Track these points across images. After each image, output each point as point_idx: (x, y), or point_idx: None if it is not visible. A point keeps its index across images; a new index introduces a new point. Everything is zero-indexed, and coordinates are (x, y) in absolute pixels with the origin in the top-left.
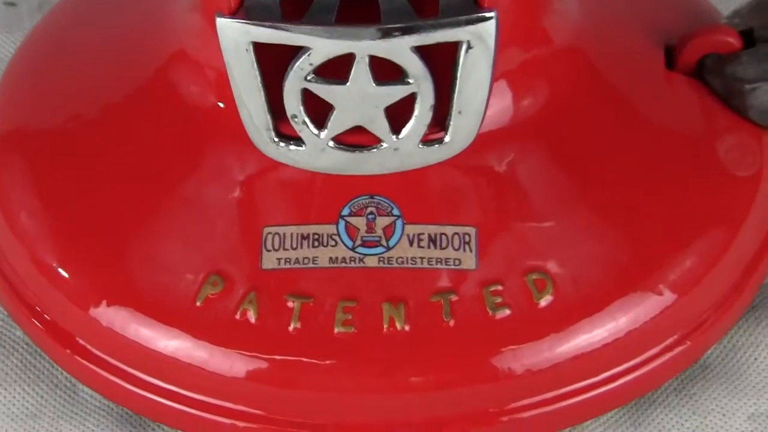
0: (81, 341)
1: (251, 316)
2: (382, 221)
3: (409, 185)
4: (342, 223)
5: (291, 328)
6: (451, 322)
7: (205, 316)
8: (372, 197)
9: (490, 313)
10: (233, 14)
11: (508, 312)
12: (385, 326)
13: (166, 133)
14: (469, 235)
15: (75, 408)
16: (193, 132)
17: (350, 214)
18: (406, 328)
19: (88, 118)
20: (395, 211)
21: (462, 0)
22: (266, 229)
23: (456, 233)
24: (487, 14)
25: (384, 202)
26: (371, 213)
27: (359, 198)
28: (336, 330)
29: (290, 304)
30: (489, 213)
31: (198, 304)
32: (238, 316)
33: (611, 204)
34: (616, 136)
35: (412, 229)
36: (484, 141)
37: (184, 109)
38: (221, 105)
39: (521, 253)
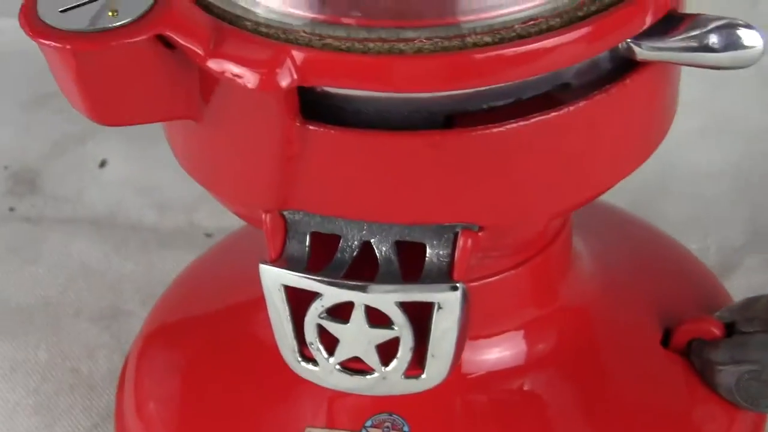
0: None
1: None
2: None
3: (424, 408)
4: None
5: None
6: None
7: None
8: (390, 414)
9: None
10: (274, 261)
11: None
12: None
13: (250, 349)
14: None
15: None
16: (267, 351)
17: (372, 425)
18: None
19: (203, 329)
20: (405, 429)
21: (439, 270)
22: (308, 429)
23: None
24: (454, 285)
25: (399, 420)
26: (387, 427)
27: (381, 414)
28: None
29: None
30: None
31: None
32: None
33: None
34: (606, 390)
35: None
36: (494, 378)
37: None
38: None
39: None
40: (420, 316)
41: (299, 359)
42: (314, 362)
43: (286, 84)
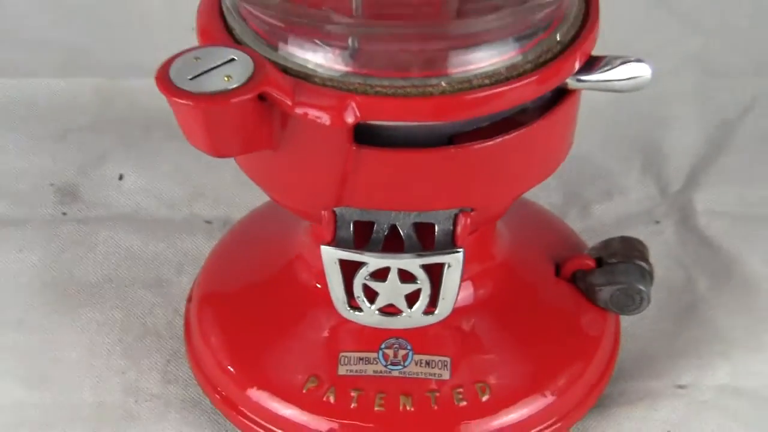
0: (241, 408)
1: (331, 399)
2: (402, 352)
3: (420, 333)
4: (380, 352)
5: (352, 406)
6: (435, 407)
7: (307, 398)
8: (397, 339)
9: (456, 403)
10: (329, 243)
11: (465, 403)
12: (401, 407)
13: (289, 299)
14: (447, 361)
15: None
16: (303, 300)
17: (385, 347)
18: (412, 409)
19: (247, 288)
20: (408, 347)
21: (446, 241)
22: (341, 353)
23: (440, 360)
24: (458, 250)
25: (404, 342)
26: (396, 347)
27: (391, 339)
28: (375, 408)
29: (352, 394)
30: (458, 349)
31: (304, 391)
32: (324, 399)
33: (525, 347)
34: (526, 312)
35: (417, 357)
36: (459, 312)
37: (299, 287)
38: (319, 286)
39: (474, 371)
40: (432, 272)
41: (348, 308)
42: (359, 309)
43: (352, 121)
